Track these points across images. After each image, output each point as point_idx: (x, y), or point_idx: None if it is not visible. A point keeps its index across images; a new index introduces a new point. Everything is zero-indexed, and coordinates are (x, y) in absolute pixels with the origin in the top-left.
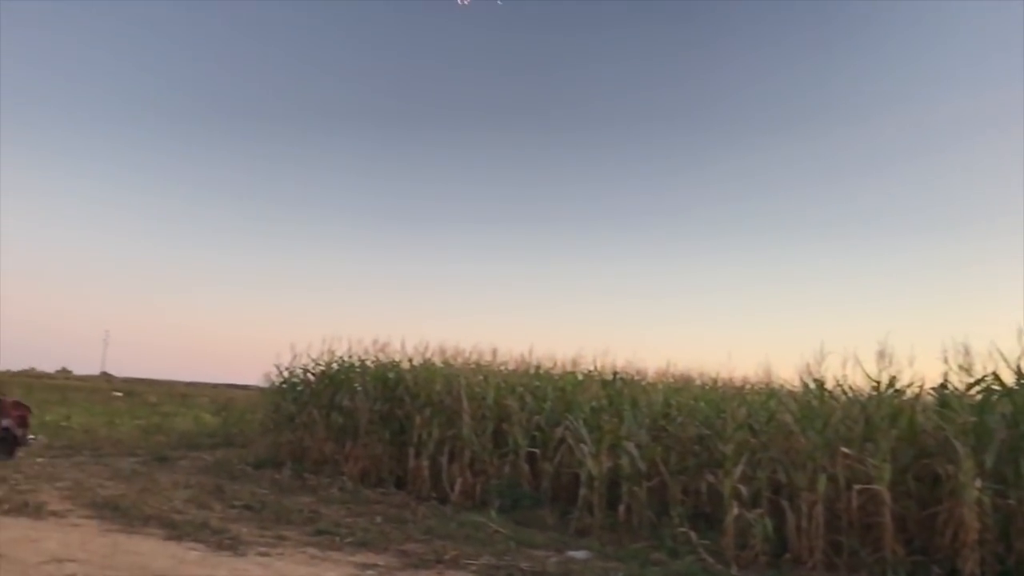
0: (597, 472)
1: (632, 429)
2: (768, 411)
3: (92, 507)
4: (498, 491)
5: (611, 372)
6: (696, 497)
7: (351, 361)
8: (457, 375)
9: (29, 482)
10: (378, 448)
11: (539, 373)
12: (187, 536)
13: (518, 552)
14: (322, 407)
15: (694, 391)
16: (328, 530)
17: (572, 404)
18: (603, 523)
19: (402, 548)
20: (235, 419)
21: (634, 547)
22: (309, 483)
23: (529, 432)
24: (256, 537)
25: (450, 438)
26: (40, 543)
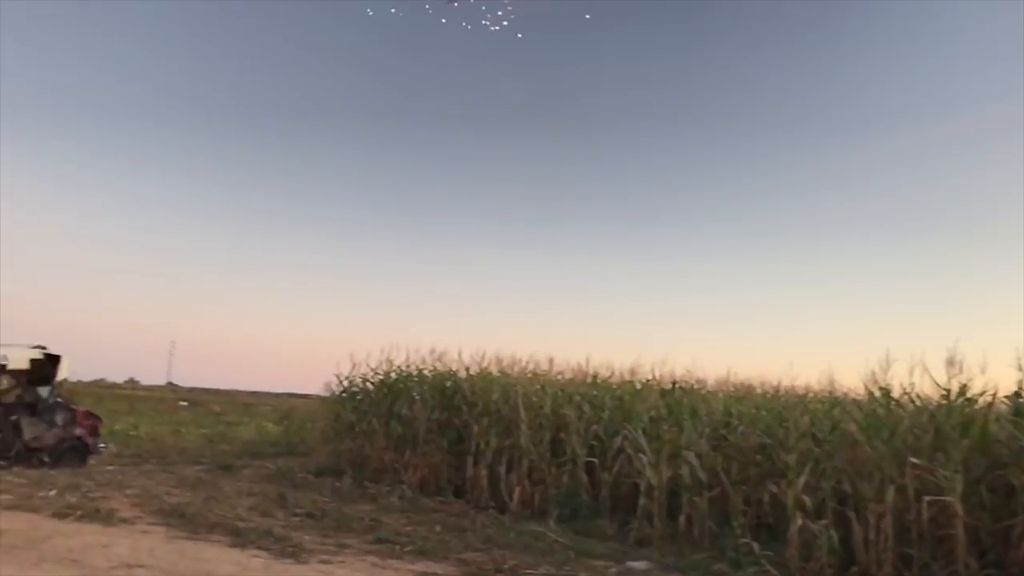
0: (657, 482)
1: (692, 439)
2: (832, 420)
3: (160, 514)
4: (557, 501)
5: (670, 381)
6: (758, 507)
7: (409, 370)
8: (514, 384)
9: (100, 489)
10: (437, 457)
11: (597, 382)
12: (251, 543)
13: (577, 562)
14: (381, 416)
15: (755, 400)
16: (388, 538)
17: (631, 413)
18: (663, 533)
19: (461, 557)
20: (297, 428)
21: (695, 558)
22: (369, 491)
23: (587, 441)
24: (318, 545)
25: (508, 447)
26: (111, 549)
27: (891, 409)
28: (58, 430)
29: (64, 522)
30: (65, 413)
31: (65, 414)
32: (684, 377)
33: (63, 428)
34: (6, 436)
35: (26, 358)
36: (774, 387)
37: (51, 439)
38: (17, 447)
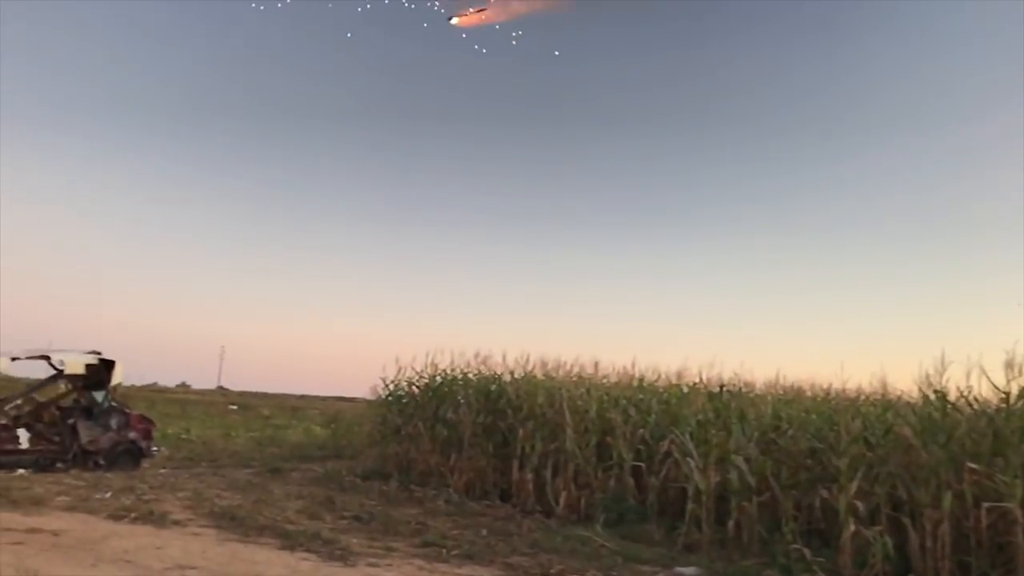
0: (705, 487)
1: (741, 443)
2: (885, 424)
3: (211, 517)
4: (603, 505)
5: (717, 384)
6: (809, 513)
7: (454, 374)
8: (559, 388)
9: (153, 492)
10: (482, 461)
11: (643, 386)
12: (300, 546)
13: (625, 567)
14: (427, 420)
15: (805, 403)
16: (435, 542)
17: (677, 417)
18: (712, 539)
19: (508, 561)
20: (344, 431)
21: (744, 564)
22: (416, 495)
23: (634, 446)
24: (366, 548)
25: (553, 451)
26: (164, 550)
27: (947, 413)
28: (113, 433)
29: (119, 524)
30: (119, 417)
31: (119, 418)
32: (732, 380)
33: (118, 432)
34: (64, 439)
35: (82, 363)
36: (824, 390)
37: (106, 442)
38: (74, 450)
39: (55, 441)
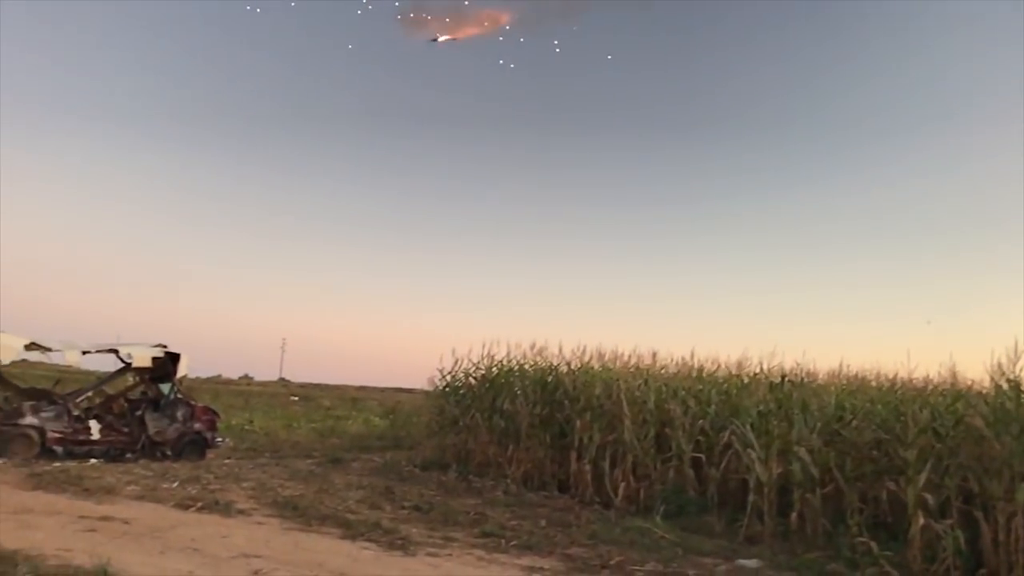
0: (766, 478)
1: (803, 434)
2: (955, 414)
3: (274, 506)
4: (663, 497)
5: (779, 375)
6: (875, 505)
7: (510, 365)
8: (616, 379)
9: (219, 482)
10: (540, 451)
11: (702, 376)
12: (360, 535)
13: (685, 559)
14: (484, 411)
15: (870, 393)
16: (494, 532)
17: (738, 408)
18: (774, 531)
19: (567, 552)
20: (402, 422)
21: (808, 557)
22: (474, 485)
23: (693, 437)
24: (425, 538)
25: (611, 442)
26: (229, 539)
27: (1021, 403)
28: (179, 425)
29: (186, 512)
30: (185, 408)
31: (185, 409)
32: (793, 370)
33: (183, 423)
34: (133, 430)
35: (148, 356)
36: (890, 379)
37: (173, 433)
38: (142, 440)
39: (124, 432)
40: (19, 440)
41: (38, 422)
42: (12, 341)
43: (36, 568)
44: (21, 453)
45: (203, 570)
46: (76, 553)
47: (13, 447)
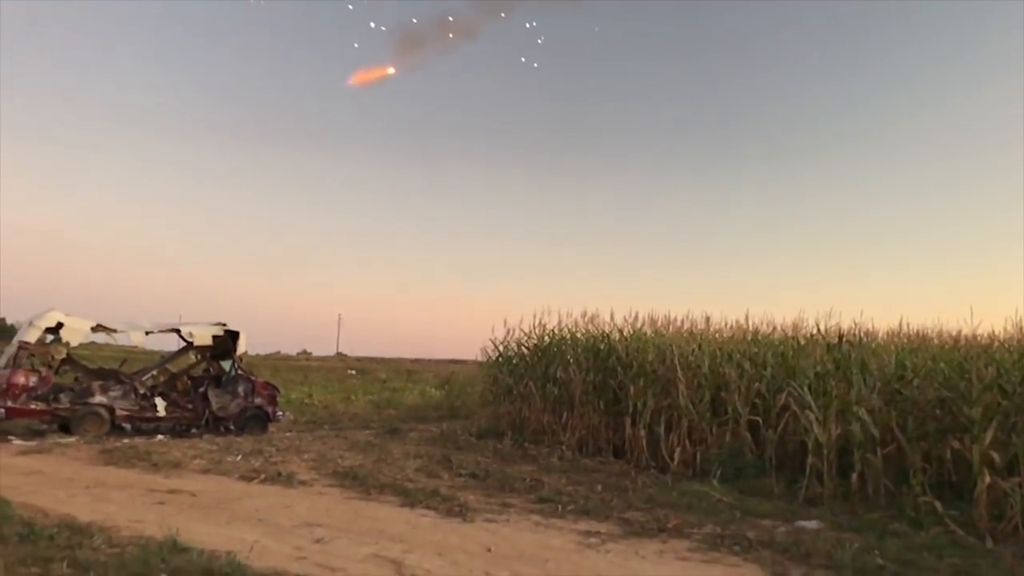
0: (825, 439)
1: (862, 394)
2: (1022, 370)
3: (334, 476)
4: (719, 460)
5: (836, 335)
6: (939, 465)
7: (562, 334)
8: (669, 344)
9: (280, 454)
10: (594, 418)
11: (757, 339)
12: (419, 503)
13: (743, 521)
14: (537, 379)
15: (932, 351)
16: (550, 498)
17: (795, 370)
18: (834, 492)
19: (624, 516)
20: (457, 392)
21: (870, 517)
22: (529, 452)
23: (749, 400)
24: (482, 504)
25: (666, 407)
26: (292, 509)
27: None
28: (241, 400)
29: (250, 484)
30: (246, 384)
31: (246, 385)
32: (851, 330)
33: (245, 398)
34: (196, 406)
35: (209, 335)
36: (953, 337)
37: (235, 408)
38: (206, 416)
39: (188, 408)
40: (90, 418)
41: (107, 401)
42: (80, 324)
43: (110, 539)
44: (92, 430)
45: (268, 539)
46: (147, 524)
47: (84, 425)
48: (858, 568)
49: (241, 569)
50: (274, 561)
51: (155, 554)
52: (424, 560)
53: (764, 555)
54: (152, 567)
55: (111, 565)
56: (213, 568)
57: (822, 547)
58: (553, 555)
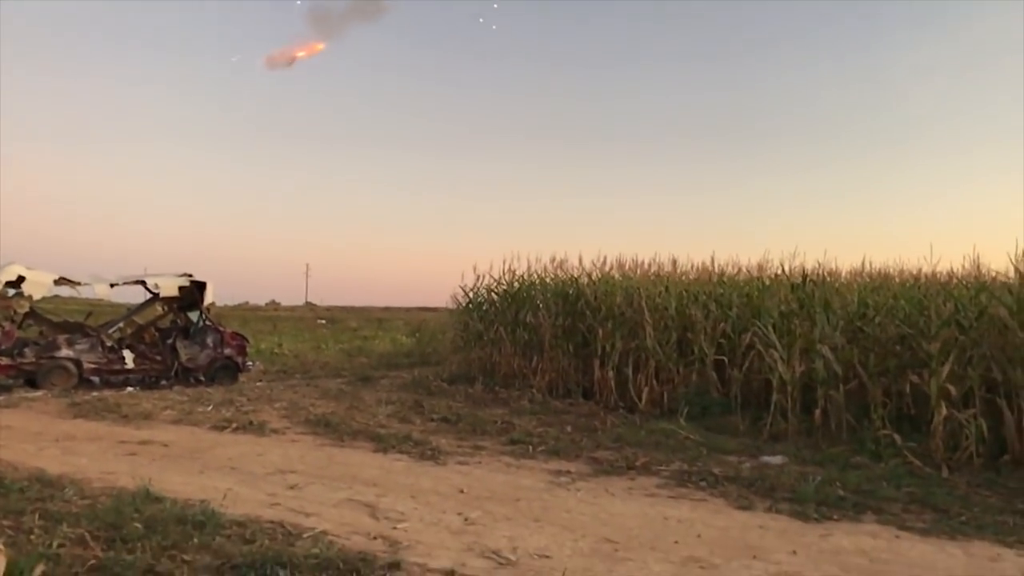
0: (789, 377)
1: (826, 332)
2: (978, 306)
3: (307, 424)
4: (686, 399)
5: (800, 275)
6: (899, 399)
7: (531, 279)
8: (637, 287)
9: (252, 403)
10: (563, 361)
11: (723, 280)
12: (392, 448)
13: (709, 458)
14: (507, 324)
15: (893, 289)
16: (521, 439)
17: (760, 310)
18: (798, 428)
19: (593, 455)
20: (428, 339)
21: (832, 451)
22: (500, 396)
23: (715, 340)
24: (455, 448)
25: (634, 349)
26: (265, 456)
27: None
28: (210, 351)
29: (222, 434)
30: (215, 335)
31: (215, 336)
32: (815, 270)
33: (214, 349)
34: (165, 358)
35: (175, 286)
36: (913, 275)
37: (204, 359)
38: (175, 367)
39: (157, 360)
40: (57, 372)
41: (74, 354)
42: (42, 277)
43: (81, 491)
44: (60, 384)
45: (241, 487)
46: (119, 475)
47: (52, 379)
48: (820, 500)
49: (215, 517)
50: (248, 508)
51: (128, 504)
52: (398, 503)
53: (730, 490)
54: (125, 517)
55: (84, 516)
56: (187, 516)
57: (786, 481)
58: (524, 494)
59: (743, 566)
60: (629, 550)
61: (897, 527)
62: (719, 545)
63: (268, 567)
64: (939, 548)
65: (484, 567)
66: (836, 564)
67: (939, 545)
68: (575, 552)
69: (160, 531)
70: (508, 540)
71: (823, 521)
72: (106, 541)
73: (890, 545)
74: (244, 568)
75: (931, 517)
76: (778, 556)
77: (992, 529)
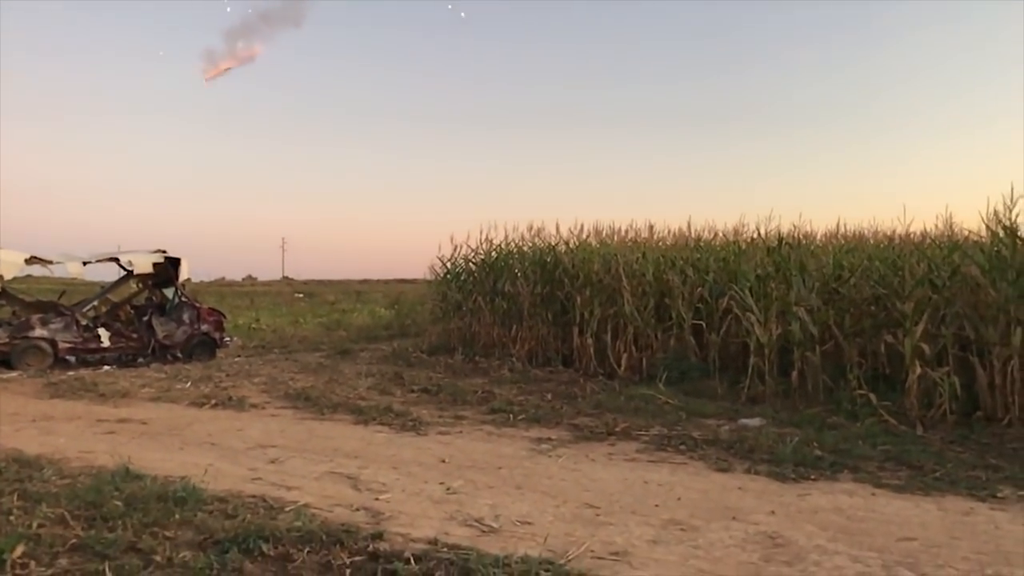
0: (766, 340)
1: (802, 294)
2: (951, 265)
3: (286, 398)
4: (664, 364)
5: (776, 238)
6: (874, 359)
7: (508, 248)
8: (614, 254)
9: (230, 379)
10: (542, 329)
11: (699, 245)
12: (373, 420)
13: (689, 422)
14: (486, 294)
15: (868, 250)
16: (502, 408)
17: (736, 274)
18: (775, 390)
19: (574, 422)
20: (407, 311)
21: (809, 412)
22: (480, 366)
23: (692, 305)
24: (436, 418)
25: (612, 316)
26: (245, 431)
27: (1017, 249)
28: (187, 327)
29: (201, 410)
30: (191, 311)
31: (191, 312)
32: (791, 233)
33: (191, 325)
34: (142, 336)
35: (149, 262)
36: (888, 236)
37: (181, 336)
38: (152, 345)
39: (134, 338)
40: (32, 352)
41: (48, 334)
42: (13, 257)
43: (60, 470)
44: (35, 364)
45: (222, 462)
46: (98, 454)
47: (27, 359)
48: (798, 460)
49: (196, 492)
50: (229, 483)
51: (108, 483)
52: (380, 474)
53: (709, 452)
54: (105, 495)
55: (63, 495)
56: (168, 493)
57: (764, 443)
58: (506, 462)
59: (723, 527)
60: (610, 514)
61: (873, 485)
62: (699, 507)
63: (251, 541)
64: (914, 504)
65: (467, 535)
66: (814, 523)
67: (914, 501)
68: (557, 518)
69: (141, 508)
70: (490, 508)
71: (801, 481)
72: (86, 520)
73: (866, 503)
74: (227, 543)
75: (906, 474)
76: (757, 516)
77: (965, 484)
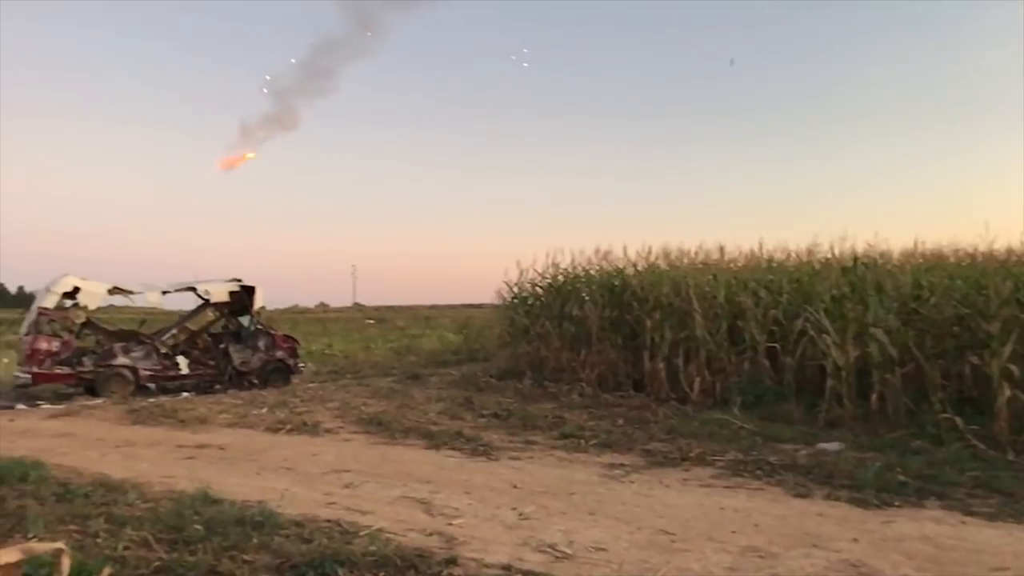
0: (844, 362)
1: (879, 315)
2: None
3: (359, 423)
4: (739, 388)
5: (851, 257)
6: (958, 381)
7: (576, 272)
8: (684, 276)
9: (305, 404)
10: (612, 353)
11: (772, 266)
12: (444, 445)
13: (765, 447)
14: (553, 318)
15: (948, 269)
16: (573, 433)
17: (810, 295)
18: (854, 414)
19: (646, 448)
20: (475, 336)
21: (890, 436)
22: (550, 391)
23: (766, 327)
24: (506, 443)
25: (684, 339)
26: (320, 456)
27: None
28: (262, 354)
29: (276, 435)
30: (266, 338)
31: (266, 339)
32: (866, 252)
33: (266, 352)
34: (219, 363)
35: (225, 291)
36: (969, 254)
37: (256, 362)
38: (229, 372)
39: (211, 365)
40: (115, 380)
41: (130, 362)
42: (96, 287)
43: (143, 494)
44: (118, 392)
45: (297, 487)
46: (178, 479)
47: (110, 387)
48: (881, 486)
49: (273, 517)
50: (305, 508)
51: (188, 507)
52: (452, 499)
53: (787, 478)
54: (186, 519)
55: (146, 519)
56: (245, 517)
57: (844, 468)
58: (578, 488)
59: (803, 555)
60: (686, 541)
61: (962, 512)
62: (777, 534)
63: (327, 565)
64: (1007, 532)
65: (541, 561)
66: (900, 551)
67: (1006, 529)
68: (632, 544)
69: (220, 532)
70: (563, 534)
71: (884, 508)
72: (169, 543)
73: (955, 531)
74: (303, 567)
75: (997, 501)
76: (839, 544)
77: None
